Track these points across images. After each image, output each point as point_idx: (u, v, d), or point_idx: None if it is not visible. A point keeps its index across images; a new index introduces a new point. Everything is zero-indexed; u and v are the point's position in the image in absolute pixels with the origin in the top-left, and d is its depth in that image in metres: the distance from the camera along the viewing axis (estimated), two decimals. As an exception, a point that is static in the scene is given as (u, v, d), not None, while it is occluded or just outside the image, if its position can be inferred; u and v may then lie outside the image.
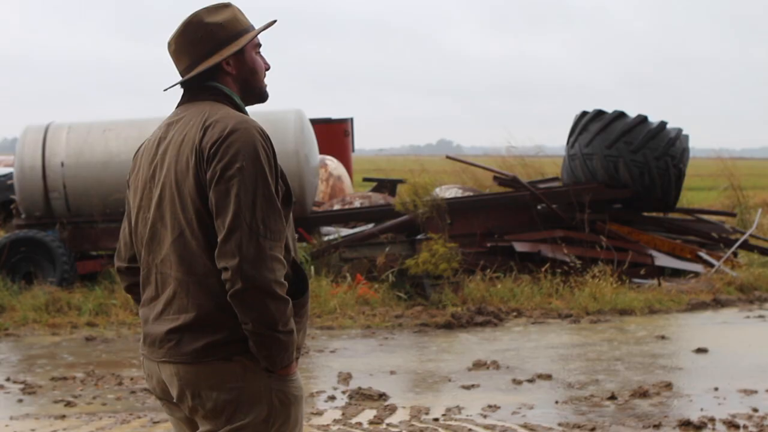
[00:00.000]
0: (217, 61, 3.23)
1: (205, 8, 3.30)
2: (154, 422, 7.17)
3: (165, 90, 3.38)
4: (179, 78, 3.33)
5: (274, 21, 3.36)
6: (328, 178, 16.75)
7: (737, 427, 6.90)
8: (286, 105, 13.56)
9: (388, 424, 7.00)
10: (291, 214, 3.23)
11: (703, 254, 14.13)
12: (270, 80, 3.38)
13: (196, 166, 3.09)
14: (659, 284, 12.84)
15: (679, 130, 14.66)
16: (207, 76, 3.26)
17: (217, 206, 3.05)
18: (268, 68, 3.36)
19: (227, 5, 3.32)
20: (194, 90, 3.29)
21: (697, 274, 13.54)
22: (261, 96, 3.36)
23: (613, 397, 7.69)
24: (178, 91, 3.36)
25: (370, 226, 13.68)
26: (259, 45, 3.34)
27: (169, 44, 3.31)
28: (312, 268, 12.46)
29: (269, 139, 3.15)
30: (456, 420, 7.12)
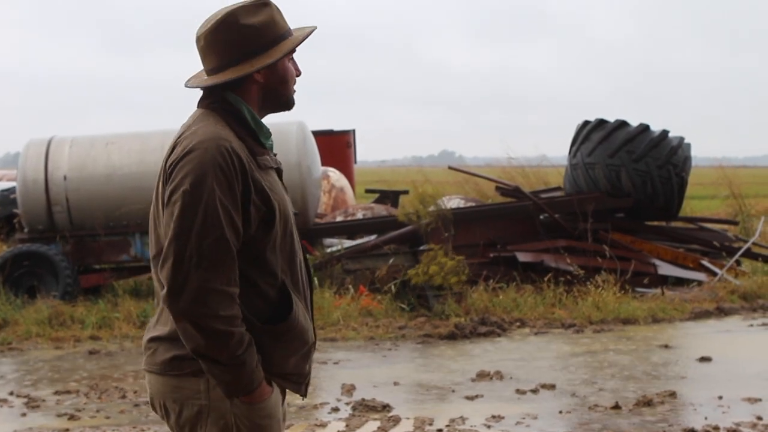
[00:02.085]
0: (249, 71, 3.02)
1: (242, 6, 3.05)
2: (158, 435, 7.17)
3: (187, 86, 3.15)
4: (193, 74, 3.16)
5: (315, 28, 3.15)
6: (330, 189, 16.76)
7: (742, 435, 6.90)
8: (288, 117, 13.58)
9: (391, 435, 7.00)
10: (279, 235, 3.01)
11: (706, 263, 14.12)
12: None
13: (163, 185, 2.98)
14: (662, 293, 12.83)
15: (681, 139, 14.66)
16: (231, 80, 3.04)
17: (165, 230, 2.93)
18: (299, 75, 3.15)
19: (266, 4, 3.08)
20: (205, 93, 3.11)
21: (700, 283, 13.53)
22: (287, 105, 3.15)
23: (617, 407, 7.68)
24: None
25: (373, 237, 13.68)
26: (293, 51, 3.11)
27: (198, 39, 3.07)
28: (315, 279, 12.47)
29: (237, 158, 2.92)
30: (460, 430, 7.12)
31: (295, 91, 3.15)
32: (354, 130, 20.51)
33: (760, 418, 7.31)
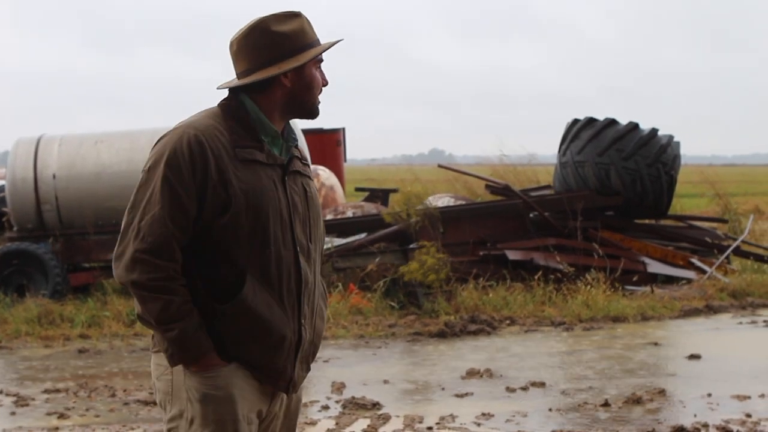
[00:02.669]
0: (276, 73, 3.19)
1: (273, 15, 3.24)
2: (148, 433, 7.16)
3: (218, 88, 3.33)
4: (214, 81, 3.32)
5: (341, 39, 3.30)
6: (320, 188, 16.74)
7: (730, 432, 6.91)
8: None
9: (381, 433, 7.00)
10: (245, 226, 3.14)
11: (695, 261, 14.15)
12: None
13: None
14: (652, 291, 12.85)
15: (671, 137, 14.69)
16: (258, 83, 3.22)
17: None
18: (325, 84, 3.30)
19: (297, 15, 3.26)
20: (228, 93, 3.28)
21: (689, 281, 13.56)
22: (311, 112, 3.29)
23: (606, 404, 7.70)
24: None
25: (363, 235, 13.68)
26: (321, 60, 3.29)
27: (231, 44, 3.27)
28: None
29: (198, 146, 3.10)
30: (450, 428, 7.12)
31: (319, 101, 3.29)
32: (344, 129, 20.49)
33: (749, 416, 7.33)
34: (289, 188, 3.24)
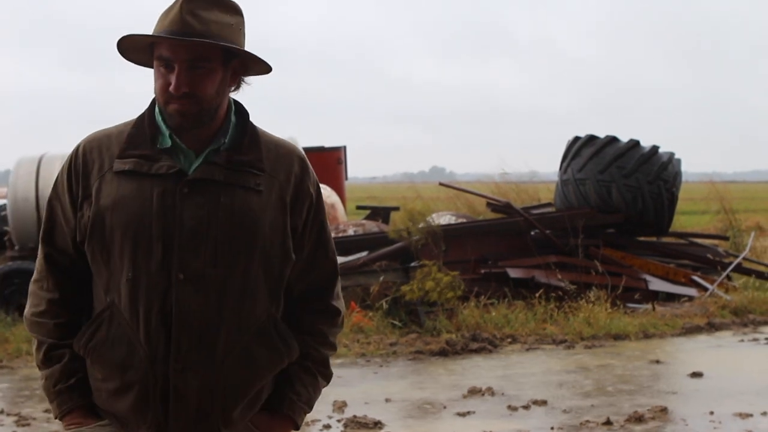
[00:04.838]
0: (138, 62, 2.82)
1: None
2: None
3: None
4: None
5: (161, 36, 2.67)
6: (321, 206, 16.74)
7: (733, 451, 6.90)
8: (278, 133, 13.58)
9: (383, 453, 6.98)
10: (111, 247, 2.70)
11: (696, 278, 14.14)
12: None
13: None
14: (653, 308, 12.84)
15: (671, 154, 14.71)
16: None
17: None
18: (170, 88, 2.66)
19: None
20: None
21: (691, 298, 13.55)
22: (172, 123, 2.72)
23: (608, 422, 7.69)
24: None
25: (364, 253, 13.68)
26: (167, 59, 2.66)
27: None
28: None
29: (82, 159, 2.75)
30: (452, 447, 7.11)
31: (173, 106, 2.69)
32: (345, 147, 20.52)
33: (751, 434, 7.32)
34: (181, 202, 2.68)
